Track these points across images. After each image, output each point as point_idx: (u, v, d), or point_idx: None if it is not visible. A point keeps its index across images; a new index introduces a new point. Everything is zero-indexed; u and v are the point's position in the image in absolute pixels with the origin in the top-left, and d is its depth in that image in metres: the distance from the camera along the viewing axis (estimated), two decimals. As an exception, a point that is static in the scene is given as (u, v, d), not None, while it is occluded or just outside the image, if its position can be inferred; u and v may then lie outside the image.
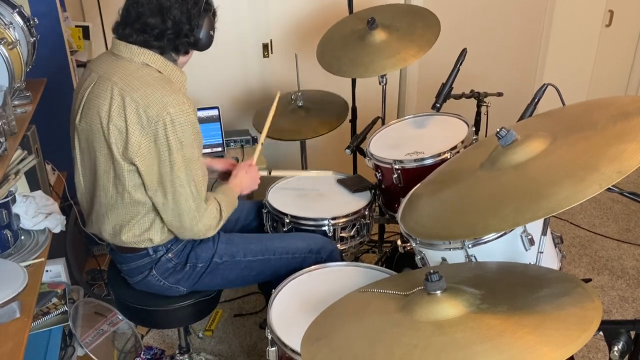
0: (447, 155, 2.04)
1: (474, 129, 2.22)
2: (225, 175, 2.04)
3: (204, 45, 1.69)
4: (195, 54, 1.75)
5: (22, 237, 1.94)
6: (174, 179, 1.61)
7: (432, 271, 1.14)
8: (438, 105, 2.29)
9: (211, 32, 1.70)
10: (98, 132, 1.62)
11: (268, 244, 1.91)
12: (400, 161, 2.08)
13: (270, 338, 1.53)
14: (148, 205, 1.69)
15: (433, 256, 1.60)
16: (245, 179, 1.96)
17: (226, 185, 1.90)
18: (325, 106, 2.80)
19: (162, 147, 1.58)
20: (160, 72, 1.64)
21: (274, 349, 1.53)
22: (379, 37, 2.40)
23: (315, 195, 2.22)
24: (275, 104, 2.19)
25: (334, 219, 2.03)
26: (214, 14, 1.73)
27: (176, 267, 1.81)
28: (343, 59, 2.45)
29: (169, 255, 1.79)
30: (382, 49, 2.37)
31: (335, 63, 2.47)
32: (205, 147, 2.88)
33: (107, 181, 1.67)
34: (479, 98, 2.49)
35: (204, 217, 1.68)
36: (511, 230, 1.48)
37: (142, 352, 2.41)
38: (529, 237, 1.46)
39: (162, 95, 1.56)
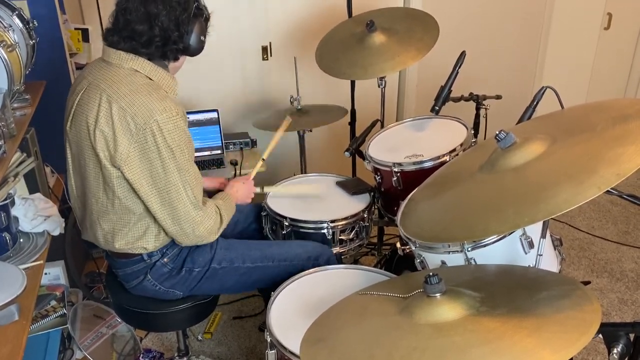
0: (447, 158, 2.04)
1: (473, 132, 2.22)
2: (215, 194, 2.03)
3: (194, 51, 1.68)
4: (193, 57, 1.74)
5: (21, 240, 1.94)
6: (168, 185, 1.60)
7: (431, 274, 1.14)
8: (437, 108, 2.30)
9: (202, 38, 1.68)
10: (86, 139, 1.61)
11: (267, 251, 1.90)
12: (400, 164, 2.08)
13: (269, 340, 1.53)
14: (139, 212, 1.68)
15: (432, 259, 1.60)
16: (241, 190, 1.97)
17: (223, 193, 1.89)
18: (324, 109, 2.81)
19: (152, 155, 1.57)
20: (150, 78, 1.63)
21: (273, 351, 1.53)
22: (378, 40, 2.40)
23: (314, 197, 2.21)
24: (283, 127, 2.25)
25: (333, 221, 2.03)
26: (206, 19, 1.71)
27: (172, 272, 1.80)
28: (342, 61, 2.45)
29: (164, 260, 1.78)
30: (381, 51, 2.37)
31: (334, 65, 2.47)
32: (204, 149, 2.89)
33: (97, 188, 1.66)
34: (477, 101, 2.49)
35: (204, 221, 1.67)
36: (511, 233, 1.48)
37: (141, 355, 2.40)
38: (528, 239, 1.46)
39: (149, 102, 1.55)
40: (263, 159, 2.17)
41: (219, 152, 2.90)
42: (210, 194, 2.07)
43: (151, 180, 1.60)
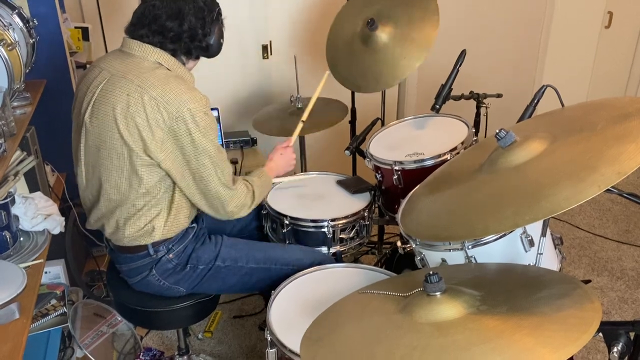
0: (447, 156, 2.04)
1: (473, 130, 2.22)
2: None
3: (213, 52, 1.76)
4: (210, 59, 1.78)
5: (21, 239, 1.94)
6: (200, 168, 1.66)
7: (431, 272, 1.14)
8: (438, 106, 2.29)
9: (221, 40, 1.78)
10: (112, 130, 1.63)
11: (271, 253, 1.91)
12: (400, 162, 2.08)
13: (269, 339, 1.53)
14: (158, 197, 1.71)
15: (433, 257, 1.60)
16: (281, 161, 2.06)
17: (260, 169, 1.97)
18: (324, 108, 2.80)
19: (185, 141, 1.62)
20: (170, 70, 1.68)
21: (273, 350, 1.53)
22: (381, 40, 2.37)
23: (314, 196, 2.21)
24: (323, 82, 2.25)
25: (333, 220, 2.03)
26: (222, 24, 1.80)
27: (176, 268, 1.81)
28: (353, 69, 2.45)
29: (170, 255, 1.79)
30: (387, 55, 2.34)
31: (348, 76, 2.48)
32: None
33: (119, 178, 1.68)
34: (478, 99, 2.49)
35: (233, 199, 1.75)
36: (511, 232, 1.48)
37: (142, 354, 2.41)
38: (528, 238, 1.46)
39: (180, 92, 1.61)
40: (303, 121, 2.19)
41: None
42: None
43: (185, 164, 1.66)
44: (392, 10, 2.43)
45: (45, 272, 2.19)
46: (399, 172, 2.08)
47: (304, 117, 2.19)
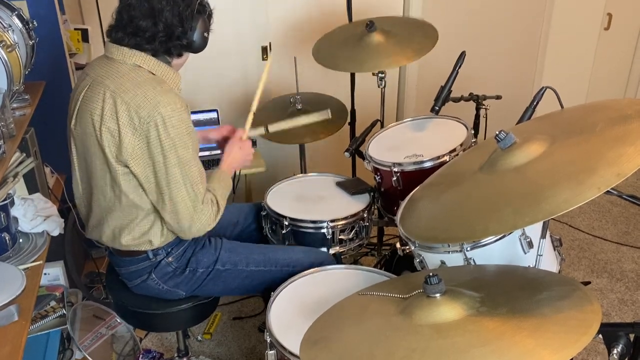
0: (446, 158, 2.04)
1: (472, 132, 2.22)
2: (223, 143, 1.99)
3: (197, 47, 1.68)
4: (193, 56, 1.74)
5: (21, 240, 1.94)
6: (169, 179, 1.59)
7: (431, 274, 1.14)
8: (437, 108, 2.29)
9: (205, 34, 1.68)
10: (92, 136, 1.61)
11: (271, 255, 1.90)
12: (400, 164, 2.08)
13: (269, 341, 1.53)
14: (147, 208, 1.68)
15: (432, 259, 1.60)
16: (238, 156, 1.93)
17: (218, 170, 1.85)
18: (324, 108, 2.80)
19: (155, 148, 1.57)
20: (152, 73, 1.63)
21: (272, 352, 1.53)
22: (376, 40, 2.39)
23: (314, 197, 2.21)
24: (267, 69, 2.11)
25: (332, 221, 2.03)
26: (209, 16, 1.71)
27: (176, 271, 1.80)
28: (338, 55, 2.44)
29: (169, 259, 1.78)
30: (379, 50, 2.37)
31: (330, 58, 2.46)
32: (203, 149, 2.87)
33: (104, 184, 1.66)
34: (477, 101, 2.49)
35: (202, 217, 1.66)
36: (510, 233, 1.48)
37: (141, 355, 2.40)
38: (527, 239, 1.46)
39: (153, 95, 1.55)
40: (254, 112, 2.05)
41: (218, 152, 2.87)
42: (219, 144, 2.03)
43: (153, 173, 1.60)
44: (394, 28, 2.46)
45: (45, 274, 2.19)
46: (398, 174, 2.08)
47: (254, 107, 2.03)
